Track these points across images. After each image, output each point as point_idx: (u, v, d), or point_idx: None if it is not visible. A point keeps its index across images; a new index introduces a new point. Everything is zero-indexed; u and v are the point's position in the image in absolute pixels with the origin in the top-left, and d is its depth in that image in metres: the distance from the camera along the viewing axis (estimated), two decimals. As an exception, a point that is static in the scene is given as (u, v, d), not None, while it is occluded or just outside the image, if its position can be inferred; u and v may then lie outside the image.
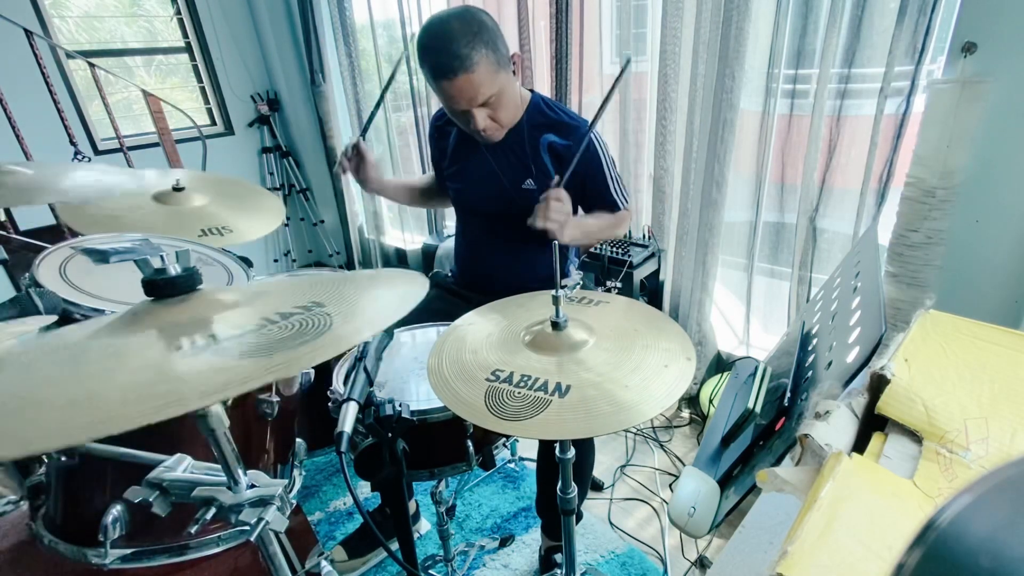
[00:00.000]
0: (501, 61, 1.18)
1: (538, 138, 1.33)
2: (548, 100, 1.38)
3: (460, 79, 1.13)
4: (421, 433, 0.94)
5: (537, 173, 1.34)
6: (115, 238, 0.57)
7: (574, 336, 0.83)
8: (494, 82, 1.18)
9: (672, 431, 2.10)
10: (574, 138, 1.32)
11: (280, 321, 0.56)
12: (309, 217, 3.61)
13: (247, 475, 0.64)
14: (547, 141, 1.33)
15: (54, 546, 0.79)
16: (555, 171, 1.33)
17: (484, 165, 1.37)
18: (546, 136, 1.33)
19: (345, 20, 2.79)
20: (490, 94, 1.19)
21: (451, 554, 1.35)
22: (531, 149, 1.34)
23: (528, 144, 1.33)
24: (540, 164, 1.34)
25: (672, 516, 0.69)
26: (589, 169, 1.34)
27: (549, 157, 1.34)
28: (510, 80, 1.24)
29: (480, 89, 1.17)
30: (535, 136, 1.33)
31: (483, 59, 1.13)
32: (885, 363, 0.57)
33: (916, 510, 0.44)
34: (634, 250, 2.04)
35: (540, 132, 1.33)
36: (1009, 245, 1.37)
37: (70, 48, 2.73)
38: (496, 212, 1.41)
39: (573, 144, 1.31)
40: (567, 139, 1.32)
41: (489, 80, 1.17)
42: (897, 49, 1.41)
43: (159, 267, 0.58)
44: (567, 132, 1.33)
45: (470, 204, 1.48)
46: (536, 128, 1.34)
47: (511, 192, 1.36)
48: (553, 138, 1.33)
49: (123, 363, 0.50)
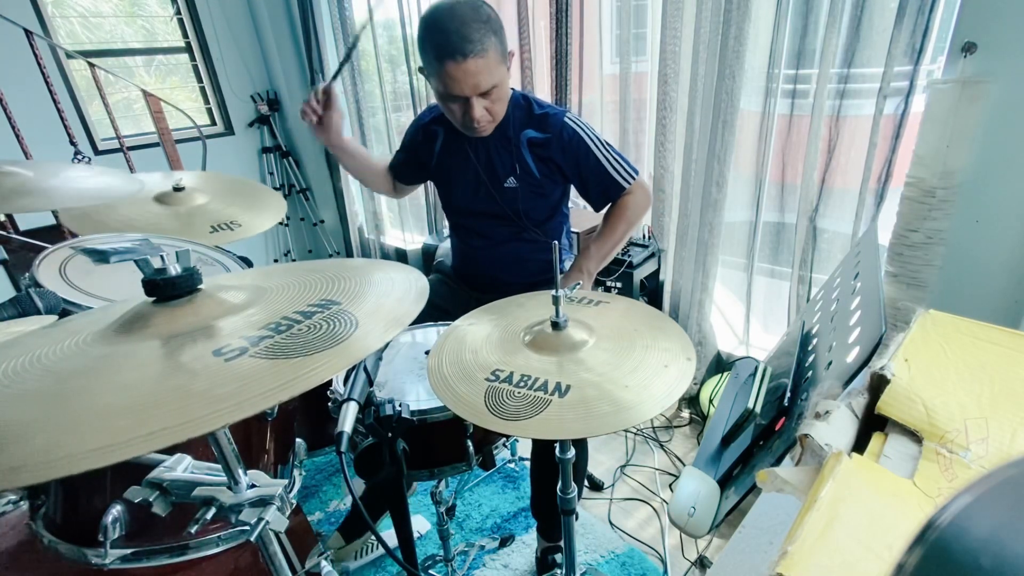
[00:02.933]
0: (504, 52, 1.19)
1: (519, 134, 1.33)
2: (528, 95, 1.37)
3: (469, 62, 1.12)
4: (421, 433, 0.94)
5: (518, 170, 1.34)
6: (115, 238, 0.57)
7: (574, 336, 0.83)
8: (497, 72, 1.18)
9: (672, 431, 2.10)
10: (552, 129, 1.31)
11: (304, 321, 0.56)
12: (309, 217, 3.61)
13: (247, 475, 0.64)
14: (527, 137, 1.33)
15: (54, 546, 0.79)
16: (536, 167, 1.33)
17: (468, 164, 1.37)
18: (526, 132, 1.33)
19: (345, 20, 2.79)
20: (492, 84, 1.18)
21: (451, 554, 1.35)
22: (513, 146, 1.34)
23: (510, 141, 1.33)
24: (521, 161, 1.34)
25: (672, 516, 0.69)
26: (575, 153, 1.32)
27: (529, 153, 1.33)
28: (506, 73, 1.24)
29: (485, 76, 1.16)
30: (516, 133, 1.33)
31: (492, 47, 1.14)
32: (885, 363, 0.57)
33: (916, 510, 0.44)
34: (634, 250, 2.04)
35: (520, 128, 1.33)
36: (1009, 245, 1.37)
37: (72, 48, 2.73)
38: (482, 211, 1.41)
39: (552, 135, 1.31)
40: (546, 132, 1.32)
41: (495, 69, 1.17)
42: (896, 49, 1.41)
43: (159, 267, 0.58)
44: (545, 124, 1.32)
45: (457, 204, 1.48)
46: (517, 125, 1.33)
47: (494, 190, 1.36)
48: (532, 133, 1.33)
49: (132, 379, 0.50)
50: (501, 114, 1.28)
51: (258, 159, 3.46)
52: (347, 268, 0.71)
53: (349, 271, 0.70)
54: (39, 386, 0.49)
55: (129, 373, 0.49)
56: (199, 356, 0.50)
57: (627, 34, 2.01)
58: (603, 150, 1.34)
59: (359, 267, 0.72)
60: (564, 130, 1.31)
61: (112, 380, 0.48)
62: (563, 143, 1.31)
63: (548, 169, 1.35)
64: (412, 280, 0.68)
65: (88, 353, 0.53)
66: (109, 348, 0.53)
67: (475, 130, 1.26)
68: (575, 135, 1.32)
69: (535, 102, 1.35)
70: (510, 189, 1.35)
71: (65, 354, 0.53)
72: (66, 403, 0.46)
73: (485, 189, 1.37)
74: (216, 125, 3.29)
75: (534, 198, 1.37)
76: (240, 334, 0.54)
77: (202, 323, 0.56)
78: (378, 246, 3.40)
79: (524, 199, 1.36)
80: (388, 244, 3.38)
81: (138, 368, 0.50)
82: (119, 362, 0.51)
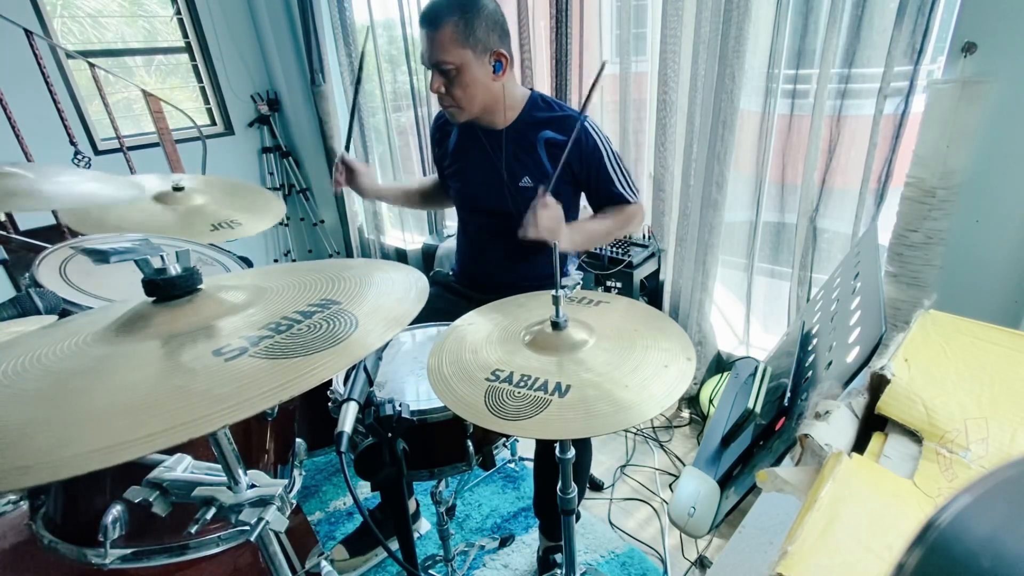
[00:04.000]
0: (471, 41, 1.20)
1: (535, 135, 1.34)
2: (547, 97, 1.38)
3: (426, 31, 1.20)
4: (421, 433, 0.94)
5: (534, 170, 1.35)
6: (115, 238, 0.57)
7: (574, 336, 0.83)
8: (453, 53, 1.20)
9: (672, 431, 2.09)
10: (572, 133, 1.31)
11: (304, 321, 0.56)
12: (309, 217, 3.61)
13: (247, 475, 0.64)
14: (544, 137, 1.34)
15: (54, 546, 0.79)
16: (552, 168, 1.33)
17: (483, 163, 1.38)
18: (543, 132, 1.34)
19: (345, 20, 2.79)
20: (449, 62, 1.21)
21: (451, 554, 1.35)
22: (528, 146, 1.34)
23: (526, 141, 1.34)
24: (537, 161, 1.34)
25: (672, 516, 0.69)
26: (590, 163, 1.34)
27: (546, 154, 1.34)
28: (481, 69, 1.24)
29: (437, 50, 1.20)
30: (532, 133, 1.34)
31: (449, 24, 1.18)
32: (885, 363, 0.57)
33: (916, 510, 0.44)
34: (634, 250, 2.04)
35: (538, 129, 1.34)
36: (1009, 245, 1.37)
37: (74, 48, 2.73)
38: (495, 210, 1.41)
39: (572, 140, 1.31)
40: (565, 134, 1.32)
41: (448, 47, 1.19)
42: (896, 49, 1.41)
43: (159, 267, 0.58)
44: (564, 126, 1.33)
45: (469, 202, 1.49)
46: (533, 125, 1.34)
47: (509, 190, 1.36)
48: (550, 134, 1.33)
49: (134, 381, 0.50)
50: (469, 104, 1.28)
51: (258, 159, 3.46)
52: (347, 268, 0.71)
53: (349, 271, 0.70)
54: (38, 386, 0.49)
55: (129, 374, 0.49)
56: (199, 356, 0.50)
57: (627, 34, 2.01)
58: (615, 164, 1.36)
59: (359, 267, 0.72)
60: (586, 137, 1.32)
61: (112, 380, 0.48)
62: (582, 149, 1.32)
63: (563, 171, 1.35)
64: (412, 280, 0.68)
65: (88, 353, 0.53)
66: (109, 348, 0.53)
67: (446, 111, 1.31)
68: (595, 145, 1.33)
69: (554, 103, 1.36)
70: (525, 188, 1.35)
71: (65, 354, 0.53)
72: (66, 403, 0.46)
73: (499, 186, 1.37)
74: (216, 125, 3.29)
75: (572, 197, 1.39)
76: (240, 334, 0.54)
77: (202, 323, 0.55)
78: (378, 246, 3.40)
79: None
80: (388, 244, 3.38)
81: (138, 368, 0.50)
82: (119, 362, 0.51)
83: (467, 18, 1.18)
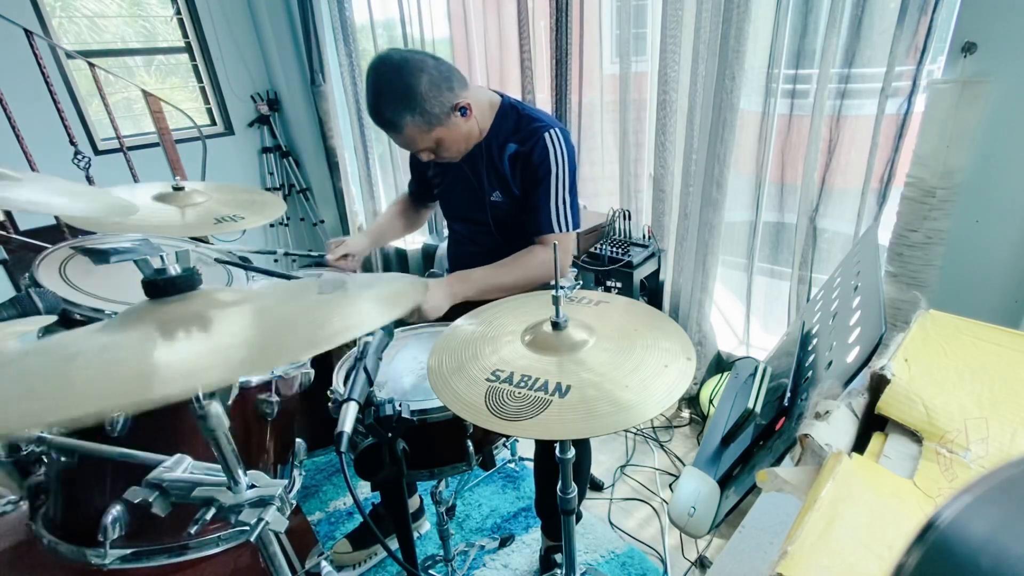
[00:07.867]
0: (433, 120, 1.15)
1: (502, 149, 1.28)
2: (517, 104, 1.31)
3: (391, 135, 1.18)
4: (421, 433, 0.94)
5: (500, 186, 1.30)
6: (115, 238, 0.57)
7: (574, 336, 0.83)
8: (421, 141, 1.18)
9: (672, 431, 2.09)
10: (529, 142, 1.25)
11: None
12: (309, 217, 3.61)
13: (247, 475, 0.64)
14: (510, 151, 1.28)
15: (54, 546, 0.79)
16: (514, 183, 1.29)
17: (460, 174, 1.35)
18: (509, 145, 1.28)
19: (345, 20, 2.80)
20: (425, 146, 1.20)
21: (451, 554, 1.35)
22: (496, 161, 1.29)
23: (495, 156, 1.29)
24: (502, 176, 1.30)
25: (672, 516, 0.69)
26: (535, 177, 1.25)
27: (510, 167, 1.29)
28: (453, 127, 1.19)
29: (412, 146, 1.20)
30: (499, 147, 1.29)
31: (408, 124, 1.14)
32: (885, 363, 0.57)
33: (916, 510, 0.44)
34: (634, 250, 2.04)
35: (504, 142, 1.28)
36: (1009, 245, 1.37)
37: (72, 48, 2.73)
38: (473, 219, 1.40)
39: (527, 149, 1.24)
40: (526, 145, 1.25)
41: (419, 139, 1.17)
42: (897, 49, 1.41)
43: (159, 267, 0.58)
44: (527, 137, 1.25)
45: (452, 211, 1.48)
46: (501, 139, 1.28)
47: (483, 203, 1.34)
48: (514, 147, 1.27)
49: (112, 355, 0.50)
50: (459, 152, 1.26)
51: (258, 159, 3.46)
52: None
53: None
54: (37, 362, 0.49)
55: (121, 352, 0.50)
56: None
57: (627, 34, 2.01)
58: (559, 187, 1.26)
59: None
60: (537, 146, 1.24)
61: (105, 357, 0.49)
62: (529, 159, 1.25)
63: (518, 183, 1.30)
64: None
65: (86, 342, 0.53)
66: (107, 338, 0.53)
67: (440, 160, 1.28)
68: (545, 159, 1.24)
69: (524, 112, 1.29)
70: (495, 203, 1.32)
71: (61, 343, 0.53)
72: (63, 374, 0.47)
73: (476, 200, 1.35)
74: (216, 125, 3.29)
75: (520, 213, 1.32)
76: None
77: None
78: (378, 246, 3.40)
79: (509, 213, 1.33)
80: (388, 244, 3.38)
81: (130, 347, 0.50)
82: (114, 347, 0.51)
83: (418, 108, 1.12)
